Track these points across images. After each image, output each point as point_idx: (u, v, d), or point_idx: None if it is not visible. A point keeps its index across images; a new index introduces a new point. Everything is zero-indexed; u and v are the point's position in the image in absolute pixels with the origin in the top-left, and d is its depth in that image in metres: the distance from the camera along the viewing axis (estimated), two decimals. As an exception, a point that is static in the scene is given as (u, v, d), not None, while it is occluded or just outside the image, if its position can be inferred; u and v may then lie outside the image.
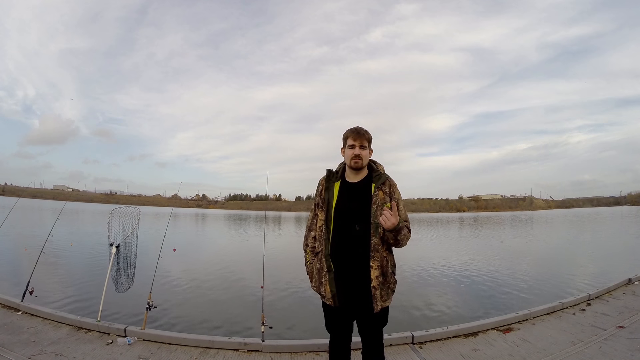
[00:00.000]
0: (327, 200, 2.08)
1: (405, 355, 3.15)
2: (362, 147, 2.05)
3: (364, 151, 2.06)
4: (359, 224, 1.97)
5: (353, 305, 2.00)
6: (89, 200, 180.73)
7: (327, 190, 2.11)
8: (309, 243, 2.17)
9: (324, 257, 2.01)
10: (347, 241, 1.98)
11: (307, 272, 2.18)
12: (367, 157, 2.09)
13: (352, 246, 1.97)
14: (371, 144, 2.13)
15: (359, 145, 2.05)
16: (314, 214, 2.16)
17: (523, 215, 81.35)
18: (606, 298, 4.76)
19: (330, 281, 1.99)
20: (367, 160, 2.10)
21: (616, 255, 12.69)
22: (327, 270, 2.00)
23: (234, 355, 3.14)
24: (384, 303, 1.97)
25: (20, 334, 3.33)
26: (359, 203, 2.01)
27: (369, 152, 2.11)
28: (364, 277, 1.95)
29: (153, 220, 31.47)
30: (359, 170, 2.09)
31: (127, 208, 4.31)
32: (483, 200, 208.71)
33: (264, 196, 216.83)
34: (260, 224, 37.10)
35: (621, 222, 36.62)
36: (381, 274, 1.95)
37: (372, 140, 2.13)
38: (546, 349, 3.19)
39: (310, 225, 2.18)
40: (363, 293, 1.95)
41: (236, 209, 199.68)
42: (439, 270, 9.88)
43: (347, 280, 1.98)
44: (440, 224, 43.34)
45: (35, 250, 5.34)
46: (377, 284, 1.93)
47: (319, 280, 2.05)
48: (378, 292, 1.94)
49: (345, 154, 2.11)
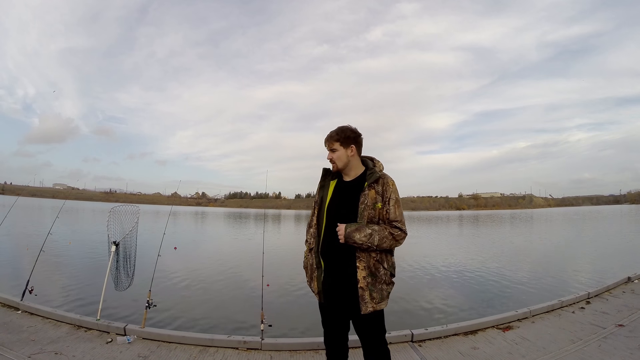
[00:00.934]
0: (321, 198, 2.14)
1: (405, 353, 3.15)
2: (332, 150, 2.10)
3: (335, 153, 2.09)
4: (346, 223, 1.95)
5: (340, 304, 2.02)
6: (89, 199, 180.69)
7: (322, 188, 2.18)
8: (308, 239, 2.21)
9: (314, 253, 2.10)
10: (336, 240, 1.98)
11: (303, 267, 2.23)
12: (340, 157, 2.08)
13: (339, 245, 1.96)
14: (348, 141, 2.08)
15: (329, 149, 2.12)
16: (312, 211, 2.20)
17: (523, 214, 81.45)
18: (605, 296, 4.76)
19: (318, 277, 2.06)
20: (342, 161, 2.08)
21: (616, 253, 12.70)
22: (317, 266, 2.07)
23: (233, 353, 3.14)
24: (376, 305, 1.92)
25: (20, 333, 3.33)
26: (349, 202, 2.02)
27: (343, 151, 2.08)
28: (351, 277, 1.94)
29: (153, 219, 31.46)
30: (344, 171, 2.13)
31: (127, 206, 4.30)
32: (483, 198, 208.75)
33: (263, 194, 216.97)
34: (259, 222, 37.12)
35: (621, 221, 36.67)
36: (369, 275, 1.92)
37: (347, 138, 2.08)
38: (545, 347, 3.19)
39: (309, 222, 2.22)
40: (350, 293, 1.94)
41: (236, 207, 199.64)
42: (438, 269, 9.88)
43: (335, 279, 2.01)
44: (439, 222, 43.37)
45: (35, 249, 5.33)
46: (365, 285, 1.91)
47: (310, 275, 2.13)
48: (367, 293, 1.90)
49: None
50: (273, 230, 27.42)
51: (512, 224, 37.16)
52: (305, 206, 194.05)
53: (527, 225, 34.35)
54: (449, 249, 15.11)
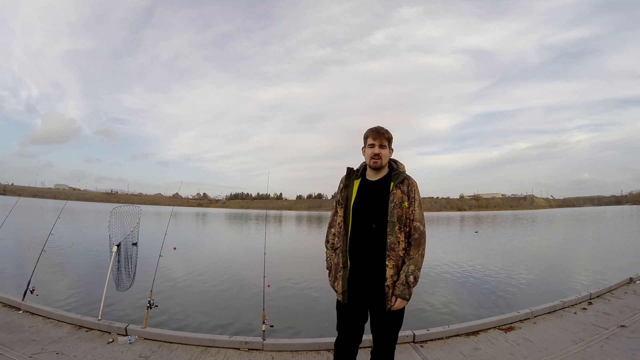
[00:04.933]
0: (346, 197, 2.12)
1: (407, 354, 3.15)
2: (381, 147, 2.08)
3: (384, 150, 2.08)
4: (376, 222, 1.99)
5: (365, 303, 2.02)
6: (90, 199, 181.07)
7: (346, 187, 2.15)
8: (330, 239, 2.20)
9: (341, 252, 2.06)
10: (364, 239, 2.00)
11: (327, 267, 2.22)
12: (386, 156, 2.11)
13: (369, 244, 1.99)
14: (392, 143, 2.15)
15: (378, 144, 2.07)
16: (334, 211, 2.19)
17: (525, 214, 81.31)
18: (607, 297, 4.75)
19: (344, 277, 2.02)
20: (386, 160, 2.12)
21: (617, 254, 12.67)
22: (343, 266, 2.04)
23: (234, 354, 3.14)
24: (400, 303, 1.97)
25: (21, 333, 3.34)
26: (377, 201, 2.03)
27: (389, 151, 2.13)
28: (379, 276, 1.96)
29: (154, 219, 31.49)
30: (378, 170, 2.11)
31: (128, 207, 4.31)
32: (484, 199, 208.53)
33: (264, 195, 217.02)
34: (261, 223, 37.13)
35: (622, 221, 36.57)
36: (396, 274, 1.96)
37: (392, 140, 2.15)
38: (547, 348, 3.18)
39: (331, 222, 2.21)
40: (377, 291, 1.96)
41: (237, 207, 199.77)
42: (440, 269, 9.87)
43: (361, 278, 2.00)
44: (441, 222, 43.31)
45: (36, 250, 5.34)
46: (392, 284, 1.95)
47: (334, 275, 2.10)
48: (392, 291, 1.95)
49: (366, 153, 2.14)
50: (274, 231, 27.43)
51: (513, 224, 37.09)
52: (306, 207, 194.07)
53: (529, 226, 34.28)
54: (451, 250, 15.08)
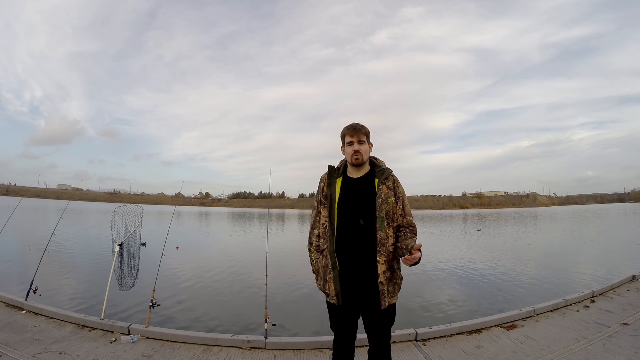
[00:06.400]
0: (329, 196, 2.06)
1: (409, 352, 3.14)
2: (360, 142, 2.04)
3: (363, 146, 2.04)
4: (364, 218, 1.96)
5: (358, 303, 1.98)
6: (93, 199, 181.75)
7: (329, 186, 2.09)
8: (313, 241, 2.11)
9: (329, 254, 1.99)
10: (352, 237, 1.97)
11: (313, 271, 2.15)
12: (366, 151, 2.07)
13: (358, 241, 1.95)
14: (370, 138, 2.11)
15: (357, 140, 2.04)
16: (316, 211, 2.11)
17: (527, 212, 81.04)
18: (610, 295, 4.72)
19: (335, 279, 1.97)
20: (367, 155, 2.09)
21: (620, 251, 12.62)
22: (332, 267, 1.98)
23: (237, 352, 3.14)
24: (391, 299, 1.96)
25: (24, 333, 3.35)
26: (363, 198, 2.00)
27: (368, 146, 2.09)
28: (371, 273, 1.93)
29: (156, 219, 31.58)
30: (360, 166, 2.08)
31: (130, 207, 4.30)
32: (486, 197, 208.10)
33: (267, 194, 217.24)
34: (263, 222, 37.17)
35: (625, 219, 36.40)
36: (388, 269, 1.94)
37: (370, 135, 2.11)
38: (550, 346, 3.17)
39: (313, 223, 2.13)
40: (370, 289, 1.94)
41: (239, 206, 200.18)
42: (442, 267, 9.86)
43: (353, 277, 1.96)
44: (444, 220, 43.23)
45: (39, 250, 5.37)
46: (385, 280, 1.92)
47: (323, 277, 2.02)
48: (385, 287, 1.92)
49: (345, 151, 2.09)
50: (277, 229, 27.46)
51: (516, 222, 36.98)
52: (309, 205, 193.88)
53: (532, 223, 34.16)
54: (453, 248, 15.06)
